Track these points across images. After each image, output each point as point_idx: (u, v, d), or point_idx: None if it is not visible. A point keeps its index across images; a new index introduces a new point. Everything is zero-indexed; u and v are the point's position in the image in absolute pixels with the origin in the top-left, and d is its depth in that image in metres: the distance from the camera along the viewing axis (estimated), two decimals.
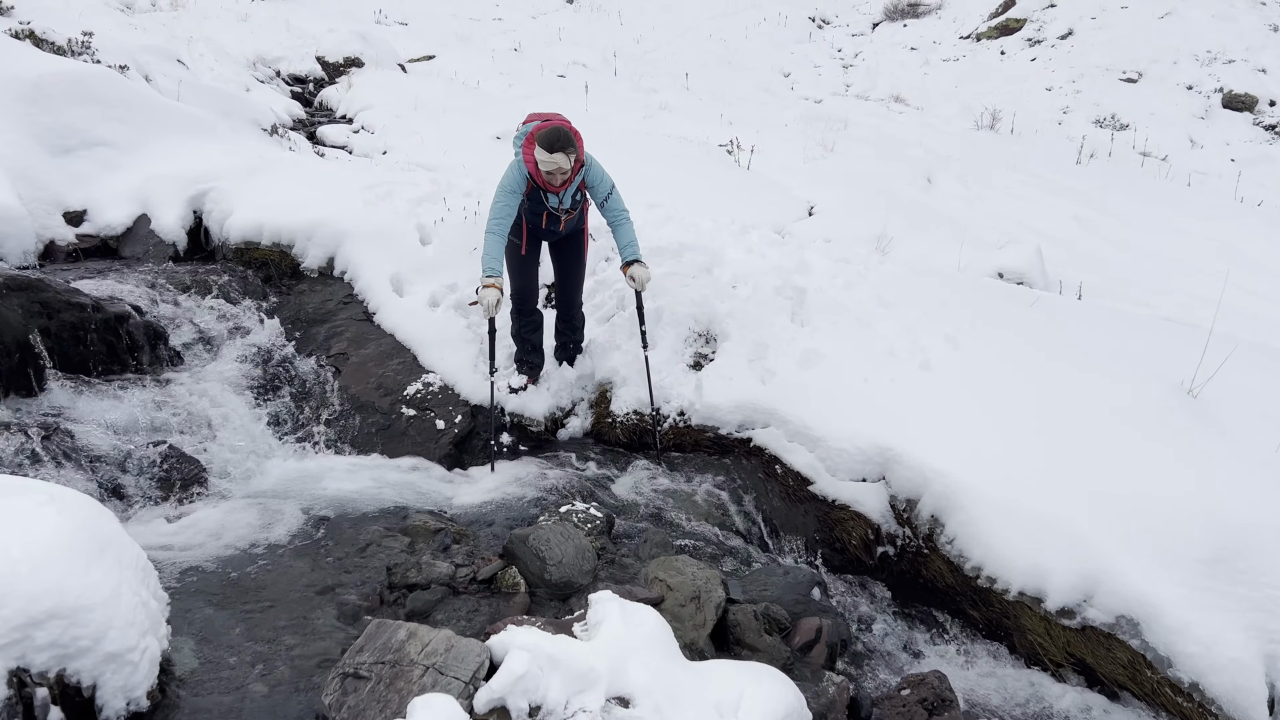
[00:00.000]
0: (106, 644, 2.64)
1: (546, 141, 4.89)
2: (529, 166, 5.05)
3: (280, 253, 6.57)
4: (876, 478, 4.87)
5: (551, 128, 4.96)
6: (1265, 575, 4.04)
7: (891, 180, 13.40)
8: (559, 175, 5.01)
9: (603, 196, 5.29)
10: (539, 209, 5.26)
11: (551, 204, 5.23)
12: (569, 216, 5.36)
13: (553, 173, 4.98)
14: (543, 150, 4.90)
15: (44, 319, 4.75)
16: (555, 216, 5.30)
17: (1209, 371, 5.03)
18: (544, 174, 5.00)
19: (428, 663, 2.69)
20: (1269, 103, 21.16)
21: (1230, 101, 21.20)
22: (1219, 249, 12.59)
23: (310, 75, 16.97)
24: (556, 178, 5.03)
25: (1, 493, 2.76)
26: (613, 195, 5.31)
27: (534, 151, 4.95)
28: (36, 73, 7.00)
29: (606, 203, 5.31)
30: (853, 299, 5.94)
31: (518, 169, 5.11)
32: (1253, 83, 21.59)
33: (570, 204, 5.30)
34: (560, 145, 4.90)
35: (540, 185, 5.12)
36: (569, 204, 5.29)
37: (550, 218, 5.30)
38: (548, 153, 4.89)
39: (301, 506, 4.39)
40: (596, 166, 5.27)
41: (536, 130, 4.99)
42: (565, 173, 5.01)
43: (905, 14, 29.24)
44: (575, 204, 5.34)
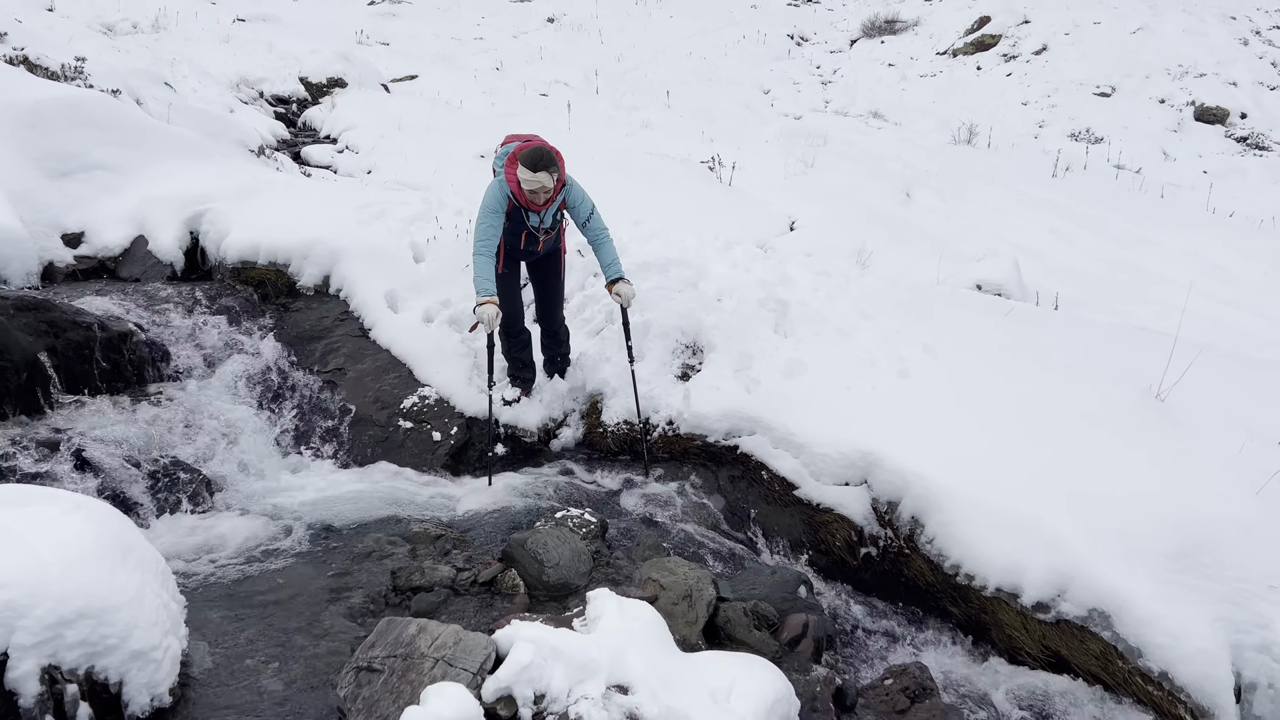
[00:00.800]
0: (132, 642, 2.79)
1: (530, 160, 5.00)
2: (511, 186, 5.14)
3: (277, 272, 6.73)
4: (859, 482, 5.05)
5: (533, 147, 5.07)
6: (1229, 569, 4.22)
7: (871, 195, 13.63)
8: (542, 194, 5.11)
9: (584, 217, 5.42)
10: (519, 229, 5.35)
11: (532, 223, 5.33)
12: (547, 237, 5.48)
13: (535, 191, 5.07)
14: (526, 169, 5.00)
15: (51, 338, 4.90)
16: (535, 236, 5.41)
17: (1175, 376, 5.25)
18: (527, 193, 5.09)
19: (437, 655, 2.85)
20: (1240, 115, 21.57)
21: (1202, 114, 21.60)
22: (1191, 259, 12.87)
23: (293, 96, 17.07)
24: (540, 196, 5.12)
25: (31, 500, 2.91)
26: (593, 216, 5.44)
27: (517, 171, 5.05)
28: (34, 98, 7.15)
29: (588, 223, 5.43)
30: (834, 311, 6.14)
31: (500, 188, 5.20)
32: (1224, 96, 22.02)
33: (550, 224, 5.41)
34: (543, 164, 5.00)
35: (522, 204, 5.21)
36: (549, 223, 5.40)
37: (529, 237, 5.41)
38: (531, 171, 4.99)
39: (305, 516, 4.54)
40: (577, 188, 5.39)
41: (518, 150, 5.10)
42: (548, 191, 5.11)
43: (883, 31, 29.63)
44: (555, 224, 5.47)
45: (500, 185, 5.20)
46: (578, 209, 5.41)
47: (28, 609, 2.59)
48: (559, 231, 5.63)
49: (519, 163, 5.04)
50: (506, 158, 5.18)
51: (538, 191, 5.09)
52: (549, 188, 5.09)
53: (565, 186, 5.32)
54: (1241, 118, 21.47)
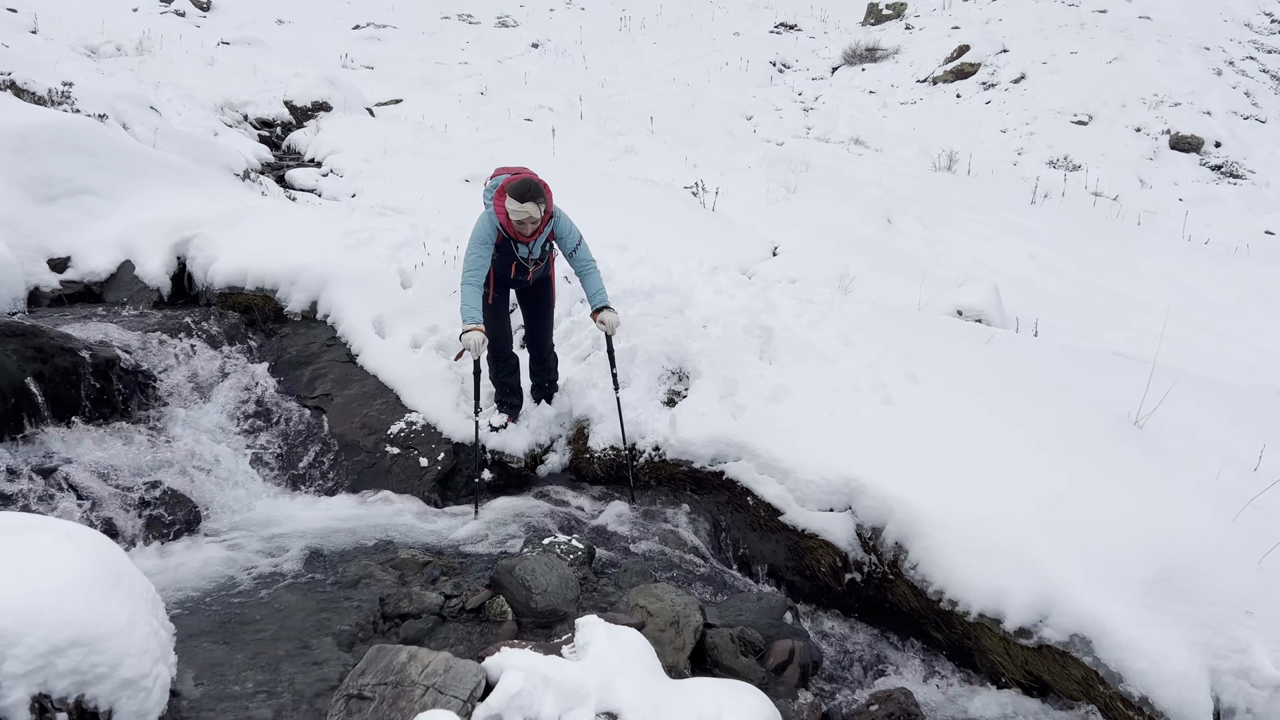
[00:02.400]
0: (122, 670, 2.79)
1: (518, 192, 5.11)
2: (500, 218, 5.26)
3: (264, 297, 6.74)
4: (843, 508, 5.10)
5: (521, 179, 5.19)
6: (1207, 594, 4.29)
7: (852, 221, 13.78)
8: (529, 225, 5.21)
9: (571, 248, 5.52)
10: (508, 260, 5.46)
11: (521, 254, 5.44)
12: (536, 267, 5.60)
13: (523, 222, 5.18)
14: (514, 200, 5.11)
15: (38, 364, 4.89)
16: (524, 267, 5.52)
17: (1153, 403, 5.34)
18: (515, 224, 5.21)
19: (428, 683, 2.87)
20: (1214, 144, 21.94)
21: (1177, 143, 21.95)
22: (1168, 285, 13.06)
23: (278, 119, 17.07)
24: (527, 227, 5.23)
25: (22, 528, 2.92)
26: (580, 246, 5.54)
27: (505, 203, 5.17)
28: (22, 123, 7.17)
29: (575, 253, 5.53)
30: (818, 337, 6.21)
31: (489, 220, 5.30)
32: (1198, 125, 22.40)
33: (539, 254, 5.52)
34: (531, 195, 5.11)
35: (511, 235, 5.32)
36: (538, 254, 5.52)
37: (519, 268, 5.52)
38: (519, 203, 5.10)
39: (292, 543, 4.54)
40: (564, 219, 5.49)
41: (506, 183, 5.22)
42: (535, 222, 5.22)
43: (863, 58, 30.01)
44: (543, 255, 5.58)
45: (489, 217, 5.30)
46: (565, 239, 5.51)
47: (20, 637, 2.59)
48: (548, 261, 5.73)
49: (507, 194, 5.16)
50: (495, 190, 5.30)
51: (525, 223, 5.19)
52: (536, 219, 5.20)
53: (553, 218, 5.42)
54: (1216, 146, 21.85)
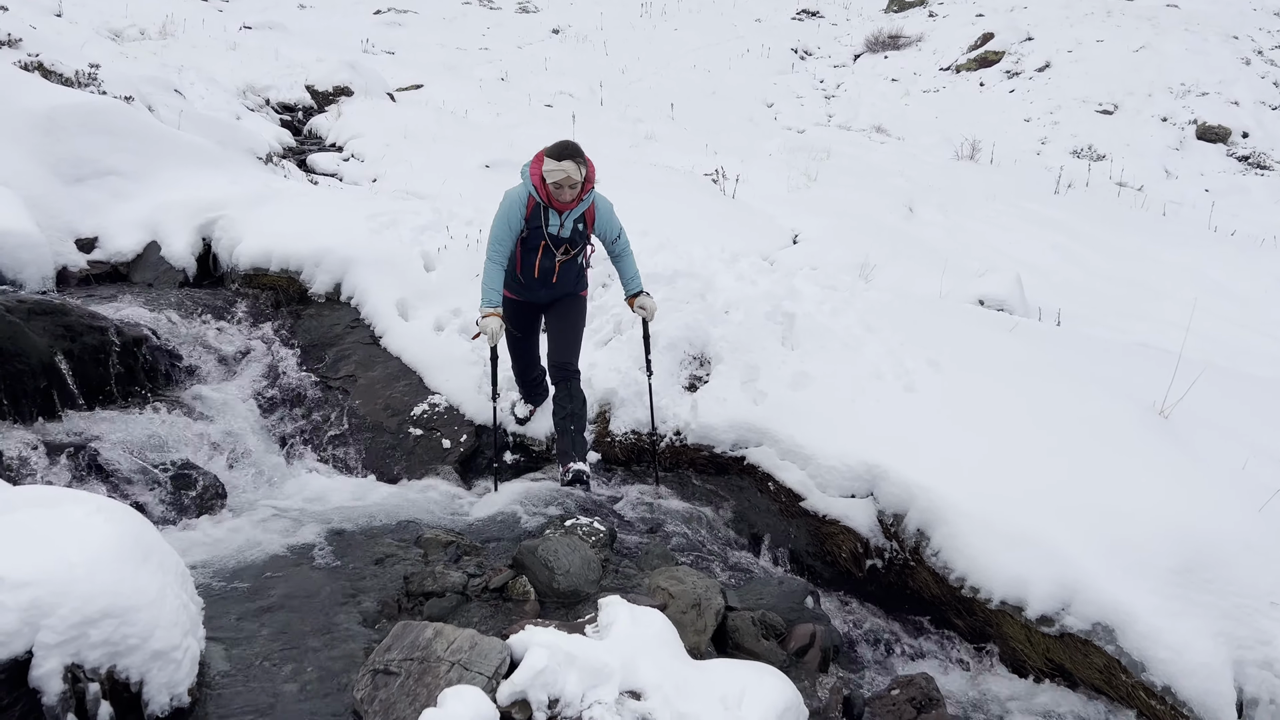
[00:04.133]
0: (153, 642, 2.82)
1: (555, 150, 4.80)
2: (534, 180, 4.90)
3: (288, 279, 6.79)
4: (865, 494, 5.10)
5: (561, 140, 4.91)
6: (1231, 584, 4.27)
7: (874, 209, 13.71)
8: (567, 187, 4.83)
9: (614, 236, 5.25)
10: (538, 239, 5.02)
11: (552, 228, 5.00)
12: (566, 258, 5.14)
13: (561, 184, 4.81)
14: (551, 159, 4.78)
15: (67, 342, 4.95)
16: (552, 252, 5.07)
17: (1179, 393, 5.30)
18: (551, 185, 4.83)
19: (453, 659, 2.90)
20: (1241, 134, 21.68)
21: (1204, 133, 21.71)
22: (1193, 277, 12.94)
23: (299, 104, 17.10)
24: (565, 192, 4.85)
25: (55, 502, 2.96)
26: (622, 234, 5.29)
27: (542, 165, 4.83)
28: (50, 104, 7.23)
29: (617, 242, 5.29)
30: (840, 324, 6.20)
31: (521, 187, 4.99)
32: (1226, 115, 22.14)
33: (570, 232, 5.06)
34: (570, 154, 4.78)
35: (544, 200, 4.92)
36: (569, 231, 5.05)
37: (547, 252, 5.07)
38: (556, 160, 4.77)
39: (317, 521, 4.58)
40: (607, 204, 5.19)
41: (544, 150, 4.91)
42: (574, 186, 4.85)
43: (886, 46, 29.80)
44: (577, 237, 5.12)
45: (523, 184, 4.99)
46: (608, 227, 5.21)
47: (53, 608, 2.63)
48: (581, 262, 5.32)
49: (545, 156, 4.85)
50: (533, 158, 4.98)
51: (563, 184, 4.82)
52: (576, 181, 4.83)
53: (593, 194, 5.08)
54: (1243, 137, 21.58)
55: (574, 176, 4.81)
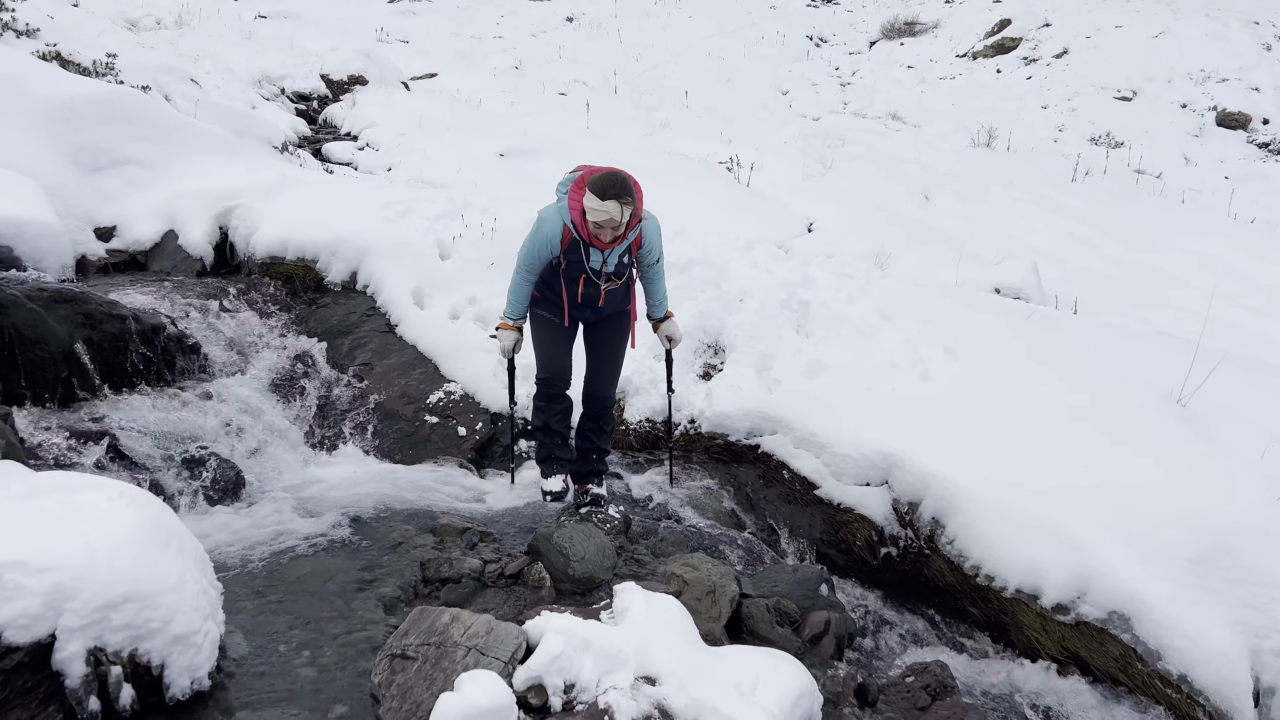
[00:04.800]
0: (174, 626, 2.86)
1: (599, 187, 4.09)
2: (574, 214, 4.25)
3: (305, 267, 6.83)
4: (880, 482, 5.09)
5: (607, 172, 4.18)
6: (1249, 573, 4.25)
7: (889, 197, 13.66)
8: (608, 230, 4.18)
9: (653, 260, 4.59)
10: (577, 272, 4.40)
11: (592, 263, 4.37)
12: (610, 286, 4.49)
13: (602, 225, 4.15)
14: (593, 196, 4.08)
15: (87, 330, 4.99)
16: (594, 283, 4.43)
17: (1197, 382, 5.27)
18: (590, 225, 4.19)
19: (470, 644, 2.92)
20: (1262, 121, 21.44)
21: (1224, 120, 21.48)
22: (1212, 265, 12.84)
23: (314, 93, 17.16)
24: (605, 233, 4.20)
25: (77, 487, 3.00)
26: (660, 260, 4.65)
27: (583, 198, 4.14)
28: (68, 94, 7.29)
29: (654, 266, 4.64)
30: (855, 312, 6.18)
31: (556, 216, 4.33)
32: (1246, 101, 21.90)
33: (615, 267, 4.44)
34: (615, 192, 4.08)
35: (584, 238, 4.30)
36: (613, 266, 4.43)
37: (588, 283, 4.43)
38: (599, 200, 4.07)
39: (334, 508, 4.62)
40: (655, 224, 4.49)
41: (588, 174, 4.23)
42: (617, 228, 4.19)
43: (902, 33, 29.60)
44: (622, 269, 4.49)
45: (559, 212, 4.33)
46: (651, 249, 4.53)
47: (76, 592, 2.66)
48: (628, 284, 4.64)
49: (587, 188, 4.14)
50: (573, 182, 4.31)
51: (604, 225, 4.16)
52: (618, 223, 4.17)
53: (641, 223, 4.38)
54: (1264, 123, 21.34)
55: (616, 219, 4.14)
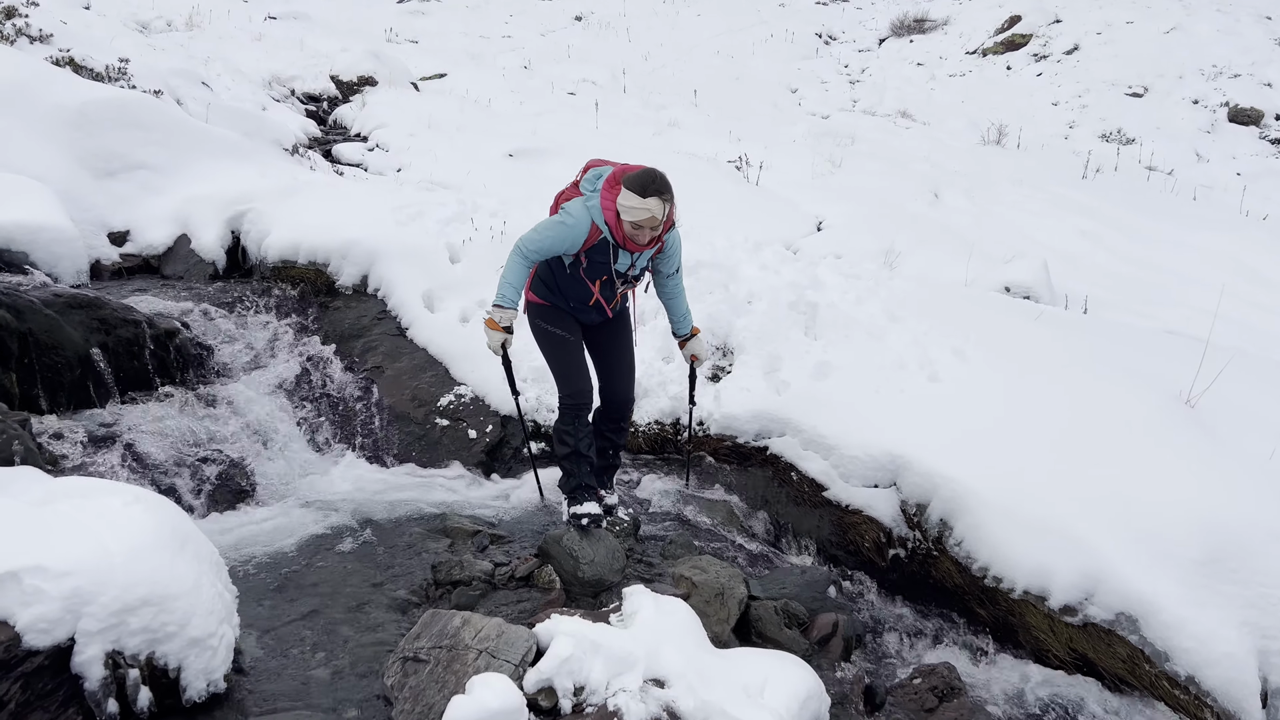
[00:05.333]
0: (190, 629, 2.90)
1: (638, 184, 3.91)
2: (608, 215, 4.02)
3: (316, 271, 6.89)
4: (888, 484, 5.11)
5: (644, 169, 3.99)
6: (1257, 575, 4.26)
7: (899, 195, 13.66)
8: (647, 230, 4.00)
9: (674, 269, 4.46)
10: (599, 272, 4.21)
11: (620, 265, 4.20)
12: (625, 289, 4.40)
13: (641, 224, 3.96)
14: (632, 195, 3.90)
15: (103, 335, 5.06)
16: (612, 285, 4.28)
17: (1206, 382, 5.27)
18: (628, 225, 3.98)
19: (481, 647, 2.96)
20: (1275, 117, 21.32)
21: (1236, 115, 21.38)
22: (1224, 262, 12.79)
23: (324, 94, 17.23)
24: (644, 233, 4.01)
25: (93, 492, 3.04)
26: (680, 271, 4.52)
27: (618, 197, 3.95)
28: (81, 99, 7.36)
29: (675, 275, 4.50)
30: (863, 313, 6.20)
31: (584, 215, 4.07)
32: (1258, 97, 21.79)
33: (639, 270, 4.33)
34: (656, 189, 3.91)
35: (617, 240, 4.09)
36: (639, 270, 4.32)
37: (607, 285, 4.27)
38: (640, 197, 3.89)
39: (346, 510, 4.67)
40: (675, 232, 4.35)
41: (621, 171, 4.03)
42: (656, 227, 4.01)
43: (912, 30, 29.54)
44: (641, 272, 4.38)
45: (589, 211, 4.07)
46: (672, 256, 4.39)
47: (94, 596, 2.71)
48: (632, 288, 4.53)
49: (623, 186, 3.95)
50: (605, 179, 4.07)
51: (643, 225, 3.97)
52: (658, 222, 3.98)
53: (673, 229, 4.26)
54: (1276, 119, 21.22)
55: (658, 217, 3.97)
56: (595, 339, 4.57)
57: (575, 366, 4.40)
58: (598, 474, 4.69)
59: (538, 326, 4.43)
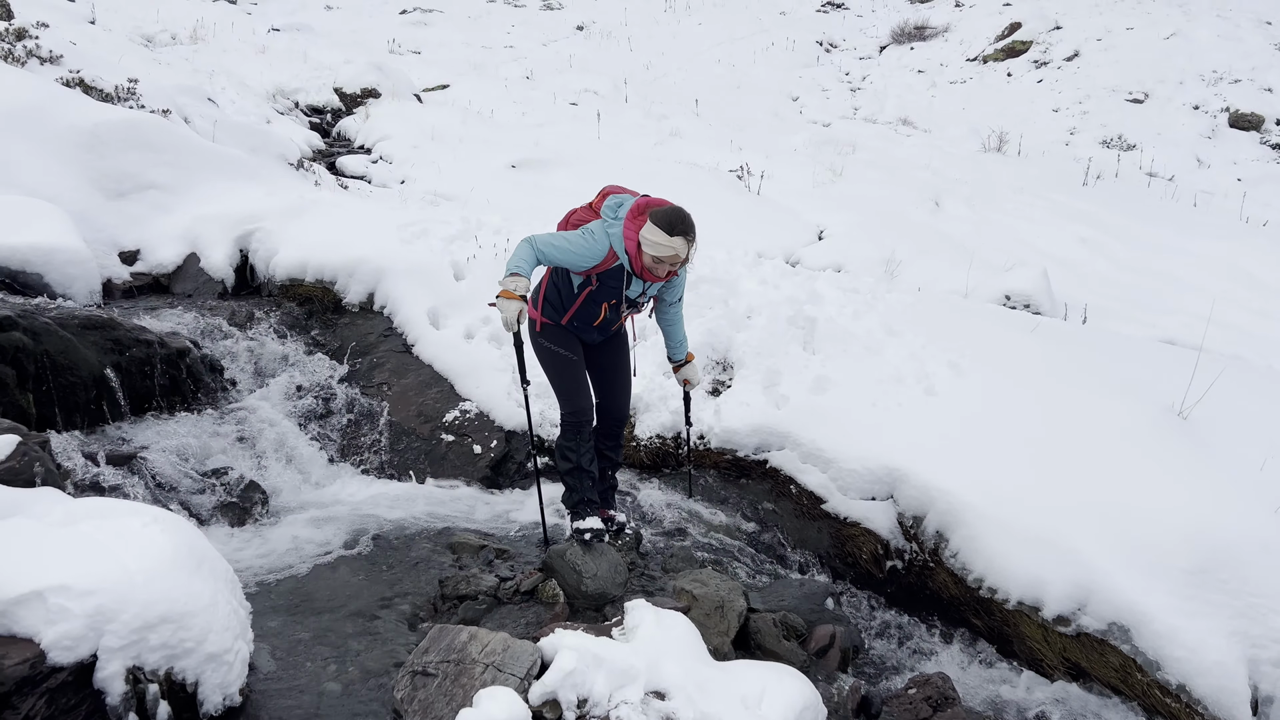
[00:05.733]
0: (207, 645, 3.01)
1: (667, 222, 4.02)
2: (629, 246, 4.13)
3: (323, 289, 7.01)
4: (885, 496, 5.21)
5: (673, 208, 4.10)
6: (1247, 585, 4.35)
7: (900, 204, 13.76)
8: (667, 265, 4.14)
9: (677, 297, 4.60)
10: (609, 296, 4.31)
11: (632, 292, 4.34)
12: (631, 313, 4.56)
13: (662, 259, 4.10)
14: (659, 231, 4.02)
15: (116, 355, 5.18)
16: (618, 310, 4.40)
17: (1198, 393, 5.36)
18: (649, 258, 4.12)
19: (487, 661, 3.07)
20: (1275, 121, 21.42)
21: (1236, 121, 21.47)
22: (1224, 269, 12.87)
23: (328, 106, 17.36)
24: (663, 268, 4.15)
25: (113, 513, 3.16)
26: (681, 300, 4.66)
27: (643, 229, 4.07)
28: (94, 121, 7.50)
29: (677, 304, 4.64)
30: (861, 328, 6.31)
31: (606, 239, 4.16)
32: (1259, 102, 21.88)
33: (648, 298, 4.48)
34: (683, 229, 4.04)
35: (634, 270, 4.21)
36: (649, 297, 4.48)
37: (612, 310, 4.39)
38: (666, 235, 4.01)
39: (355, 526, 4.78)
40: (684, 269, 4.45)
41: (647, 203, 4.15)
42: (676, 265, 4.15)
43: (912, 37, 29.66)
44: (650, 300, 4.52)
45: (609, 237, 4.17)
46: (678, 286, 4.55)
47: (115, 614, 2.82)
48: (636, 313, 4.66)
49: (650, 221, 4.06)
50: (629, 209, 4.18)
51: (664, 260, 4.11)
52: (679, 260, 4.13)
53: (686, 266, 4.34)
54: (1277, 124, 21.32)
55: (681, 255, 4.10)
56: (594, 357, 4.67)
57: (577, 385, 4.50)
58: (600, 494, 4.75)
59: (542, 345, 4.52)
